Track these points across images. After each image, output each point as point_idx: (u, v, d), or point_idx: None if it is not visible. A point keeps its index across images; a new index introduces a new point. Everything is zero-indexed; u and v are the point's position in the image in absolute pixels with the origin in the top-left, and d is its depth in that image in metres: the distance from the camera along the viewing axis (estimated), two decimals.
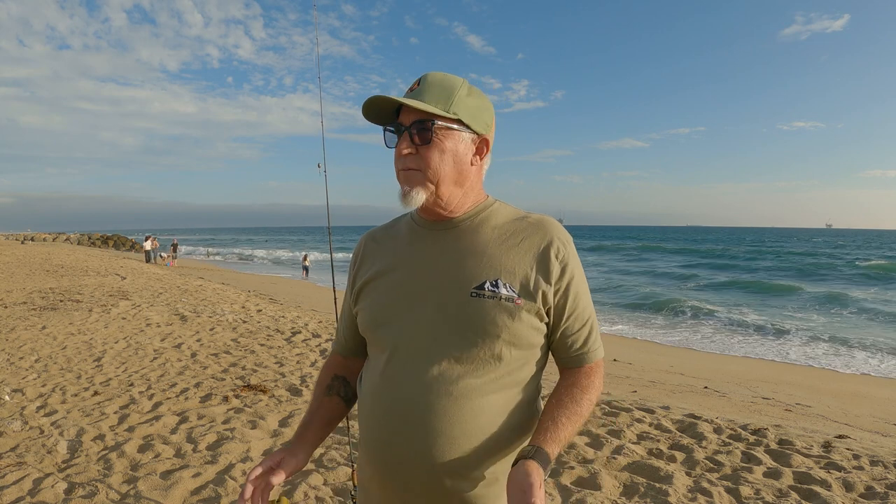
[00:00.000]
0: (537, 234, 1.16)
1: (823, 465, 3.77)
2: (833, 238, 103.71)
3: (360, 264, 1.30)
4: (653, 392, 6.18)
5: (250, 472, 1.17)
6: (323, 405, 1.33)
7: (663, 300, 17.71)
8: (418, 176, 1.14)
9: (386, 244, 1.27)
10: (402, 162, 1.14)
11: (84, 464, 3.50)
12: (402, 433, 1.10)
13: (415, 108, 1.11)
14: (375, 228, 1.36)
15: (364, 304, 1.23)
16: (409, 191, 1.14)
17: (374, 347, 1.21)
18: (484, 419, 1.09)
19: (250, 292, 15.06)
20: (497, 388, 1.11)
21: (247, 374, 5.78)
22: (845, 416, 5.83)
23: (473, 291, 1.11)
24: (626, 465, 3.71)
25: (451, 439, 1.08)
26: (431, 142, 1.13)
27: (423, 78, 1.16)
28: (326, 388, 1.34)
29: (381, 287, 1.21)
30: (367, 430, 1.18)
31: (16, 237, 58.87)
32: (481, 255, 1.15)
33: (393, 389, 1.13)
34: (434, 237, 1.20)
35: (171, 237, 39.93)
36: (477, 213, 1.20)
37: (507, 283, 1.11)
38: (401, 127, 1.15)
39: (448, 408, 1.08)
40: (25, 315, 8.97)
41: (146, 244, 29.50)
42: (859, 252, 51.53)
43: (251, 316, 9.85)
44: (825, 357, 10.49)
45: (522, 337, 1.11)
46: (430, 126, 1.13)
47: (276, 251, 48.49)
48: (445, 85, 1.15)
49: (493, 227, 1.18)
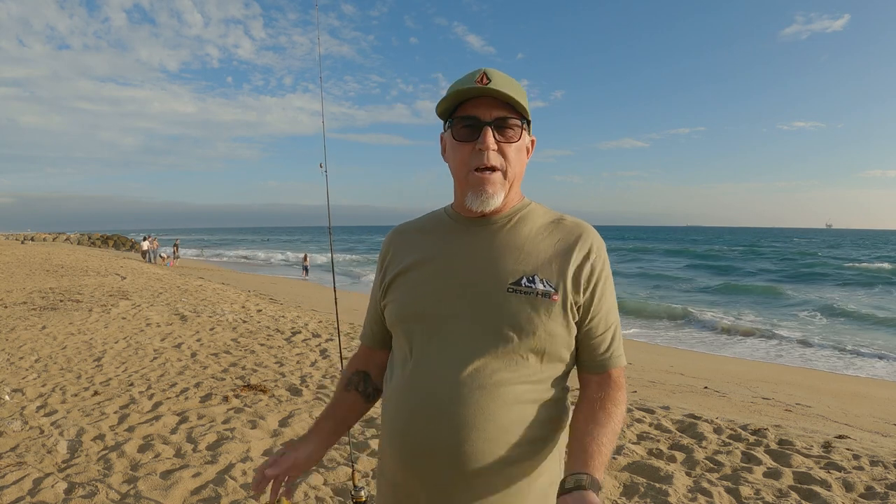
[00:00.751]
0: (573, 235, 1.16)
1: (823, 466, 3.77)
2: (832, 238, 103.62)
3: (390, 258, 1.27)
4: (653, 392, 6.18)
5: (266, 469, 1.22)
6: (341, 400, 1.33)
7: (661, 301, 17.69)
8: (499, 177, 1.12)
9: (417, 238, 1.25)
10: (483, 159, 1.10)
11: (84, 464, 3.50)
12: (434, 425, 1.09)
13: (503, 103, 1.09)
14: (404, 223, 1.34)
15: (394, 296, 1.21)
16: (492, 193, 1.11)
17: (404, 340, 1.19)
18: (516, 414, 1.08)
19: (250, 292, 15.06)
20: (530, 384, 1.10)
21: (247, 373, 5.78)
22: (845, 416, 5.83)
23: (510, 287, 1.10)
24: (626, 465, 3.71)
25: (483, 432, 1.07)
26: (520, 140, 1.13)
27: (487, 71, 1.12)
28: (346, 384, 1.34)
29: (412, 280, 1.19)
30: (395, 421, 1.16)
31: (16, 237, 58.86)
32: (518, 251, 1.14)
33: (425, 382, 1.11)
34: (471, 233, 1.18)
35: (172, 237, 39.91)
36: (516, 212, 1.19)
37: (543, 278, 1.11)
38: (479, 121, 1.11)
39: (481, 401, 1.07)
40: (25, 315, 8.97)
41: (143, 244, 29.48)
42: (857, 252, 51.59)
43: (251, 316, 9.85)
44: (825, 358, 10.49)
45: (556, 334, 1.11)
46: (521, 123, 1.12)
47: (276, 252, 48.23)
48: (514, 81, 1.13)
49: (531, 226, 1.18)
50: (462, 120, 1.12)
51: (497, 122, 1.10)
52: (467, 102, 1.12)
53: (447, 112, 1.16)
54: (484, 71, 1.11)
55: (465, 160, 1.12)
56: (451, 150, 1.16)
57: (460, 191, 1.17)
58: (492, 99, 1.10)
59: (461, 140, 1.12)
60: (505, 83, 1.10)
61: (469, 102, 1.12)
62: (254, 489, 1.22)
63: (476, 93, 1.09)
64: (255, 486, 1.22)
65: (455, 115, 1.13)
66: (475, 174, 1.11)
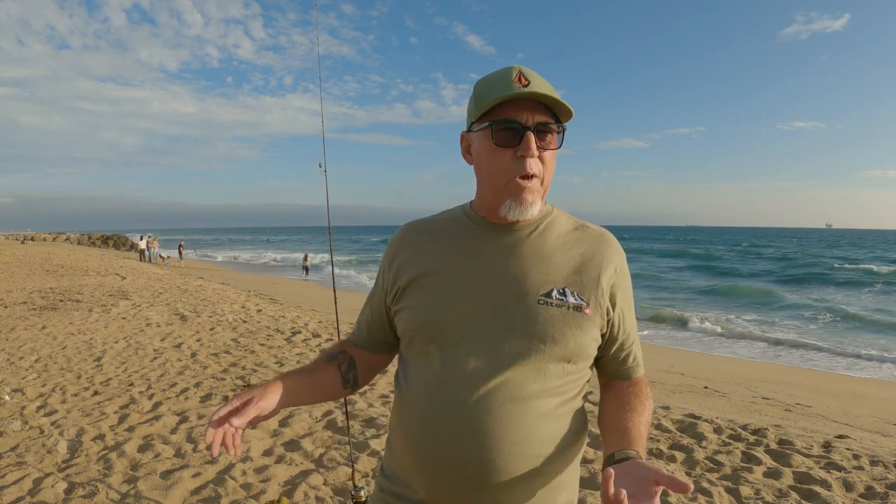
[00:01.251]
0: (600, 247, 1.14)
1: (823, 465, 3.77)
2: (832, 238, 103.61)
3: (402, 259, 1.19)
4: (653, 392, 6.16)
5: (212, 414, 1.03)
6: (320, 368, 1.24)
7: (657, 304, 17.69)
8: (537, 184, 1.07)
9: (436, 240, 1.18)
10: (526, 167, 1.05)
11: (84, 464, 3.50)
12: (460, 437, 1.04)
13: (541, 105, 1.05)
14: (418, 220, 1.25)
15: (412, 302, 1.14)
16: (531, 201, 1.07)
17: (426, 349, 1.12)
18: (545, 427, 1.06)
19: (250, 292, 15.06)
20: (557, 397, 1.08)
21: (247, 373, 5.78)
22: (845, 416, 5.83)
23: (541, 299, 1.06)
24: None
25: (514, 445, 1.03)
26: (559, 146, 1.09)
27: (523, 71, 1.06)
28: (329, 356, 1.26)
29: (434, 286, 1.12)
30: (422, 433, 1.09)
31: (16, 237, 58.87)
32: (548, 262, 1.10)
33: (452, 392, 1.06)
34: (497, 239, 1.13)
35: (171, 237, 39.80)
36: (542, 219, 1.15)
37: (574, 291, 1.08)
38: (521, 126, 1.05)
39: (513, 414, 1.04)
40: (25, 315, 8.97)
41: (141, 242, 29.45)
42: (856, 252, 51.61)
43: (251, 316, 9.85)
44: (825, 358, 10.50)
45: (585, 347, 1.09)
46: (563, 130, 1.08)
47: (277, 253, 48.03)
48: (549, 83, 1.08)
49: (557, 234, 1.14)
50: (503, 123, 1.05)
51: (538, 128, 1.05)
52: (506, 105, 1.05)
53: (482, 113, 1.08)
54: (520, 70, 1.06)
55: (505, 167, 1.06)
56: (487, 154, 1.09)
57: (495, 198, 1.10)
58: (533, 102, 1.05)
59: (502, 145, 1.06)
60: (544, 85, 1.06)
61: (509, 105, 1.05)
62: (208, 440, 1.01)
63: (519, 96, 1.04)
64: (210, 437, 1.01)
65: (494, 118, 1.06)
66: (517, 182, 1.06)
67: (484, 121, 1.08)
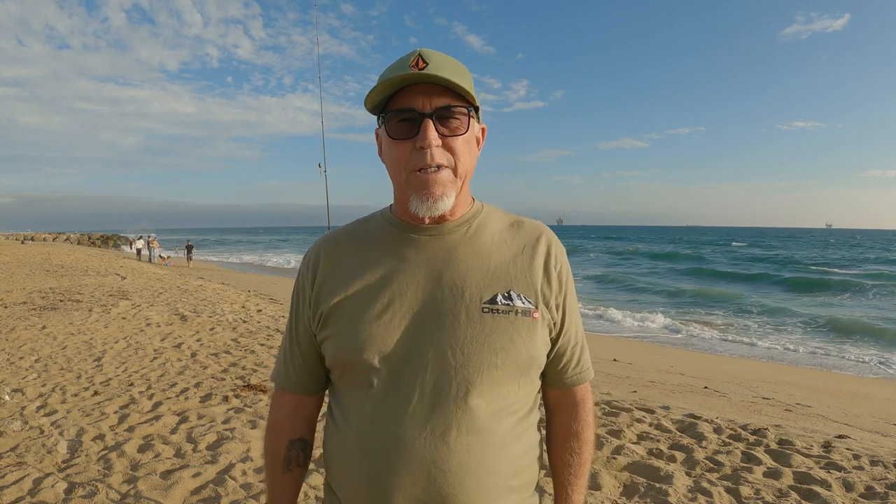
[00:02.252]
0: (538, 242, 1.05)
1: (823, 465, 3.77)
2: (831, 238, 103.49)
3: (323, 277, 1.04)
4: (653, 392, 6.18)
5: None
6: (286, 487, 1.11)
7: (656, 304, 17.68)
8: (447, 175, 0.96)
9: (357, 253, 1.04)
10: (426, 158, 0.93)
11: (84, 464, 3.50)
12: (416, 477, 0.92)
13: (444, 88, 0.94)
14: (335, 232, 1.11)
15: (338, 328, 0.99)
16: (440, 194, 0.95)
17: (359, 381, 0.98)
18: (506, 454, 0.96)
19: (250, 292, 15.05)
20: (512, 416, 0.98)
21: (247, 373, 5.78)
22: (845, 416, 5.83)
23: (485, 307, 0.96)
24: (626, 465, 3.71)
25: (476, 479, 0.93)
26: (468, 130, 0.97)
27: (423, 52, 0.95)
28: (284, 464, 1.10)
29: (361, 306, 0.99)
30: (358, 478, 0.97)
31: (16, 237, 58.88)
32: (486, 264, 1.00)
33: (397, 428, 0.93)
34: (425, 244, 1.01)
35: (169, 237, 39.52)
36: (473, 217, 1.04)
37: (520, 294, 0.98)
38: (417, 113, 0.94)
39: (472, 445, 0.93)
40: (25, 315, 8.97)
41: (138, 242, 29.29)
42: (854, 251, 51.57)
43: (251, 316, 9.85)
44: (825, 357, 10.50)
45: (536, 355, 0.99)
46: (468, 112, 0.96)
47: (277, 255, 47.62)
48: (456, 62, 0.97)
49: (492, 233, 1.04)
50: (397, 113, 0.95)
51: (439, 113, 0.94)
52: (402, 92, 0.95)
53: (379, 105, 0.98)
54: (419, 52, 0.94)
55: (405, 160, 0.95)
56: (387, 148, 0.99)
57: (402, 196, 1.00)
58: (430, 86, 0.94)
59: (398, 137, 0.95)
60: (445, 65, 0.93)
61: (404, 91, 0.95)
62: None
63: (411, 80, 0.92)
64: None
65: (388, 109, 0.96)
66: (417, 175, 0.94)
67: (382, 113, 0.98)
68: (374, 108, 1.00)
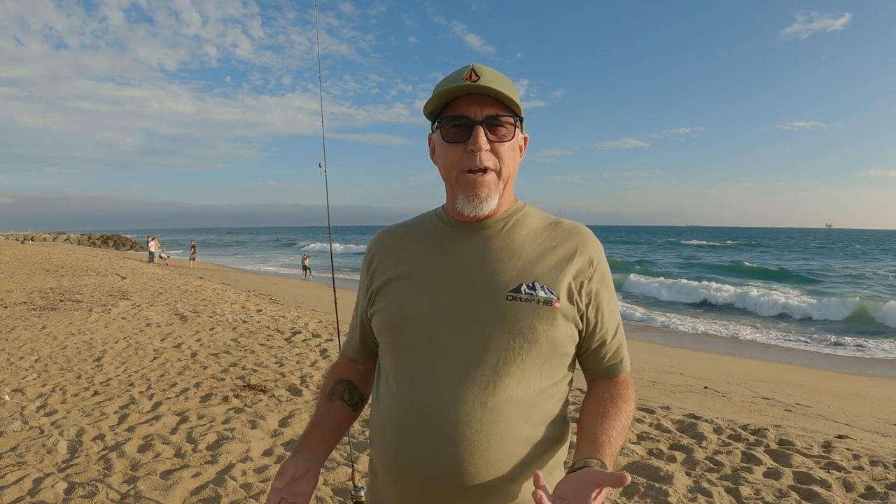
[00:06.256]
0: (573, 240, 1.12)
1: (823, 465, 3.77)
2: (831, 238, 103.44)
3: (377, 263, 1.19)
4: (653, 392, 6.18)
5: (275, 482, 1.06)
6: (326, 412, 1.23)
7: (654, 305, 17.67)
8: (492, 178, 1.06)
9: (407, 243, 1.18)
10: (475, 160, 1.04)
11: (84, 464, 3.50)
12: (432, 447, 1.02)
13: (493, 100, 1.05)
14: (393, 225, 1.26)
15: (383, 304, 1.13)
16: (486, 196, 1.06)
17: (393, 353, 1.11)
18: (522, 433, 1.03)
19: (250, 292, 15.05)
20: (533, 399, 1.05)
21: (247, 374, 5.78)
22: (845, 416, 5.83)
23: (510, 294, 1.04)
24: (626, 465, 3.71)
25: (487, 453, 1.00)
26: (513, 138, 1.08)
27: (476, 67, 1.06)
28: (329, 395, 1.25)
29: (403, 288, 1.11)
30: (387, 442, 1.08)
31: (16, 237, 58.87)
32: (517, 257, 1.08)
33: (421, 399, 1.04)
34: (466, 238, 1.12)
35: (174, 238, 39.41)
36: (511, 215, 1.14)
37: (544, 285, 1.05)
38: (469, 120, 1.05)
39: (485, 420, 1.00)
40: (25, 315, 8.97)
41: (150, 245, 29.42)
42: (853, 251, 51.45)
43: (251, 316, 9.85)
44: (825, 357, 10.49)
45: (559, 344, 1.06)
46: (514, 121, 1.07)
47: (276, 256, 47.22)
48: (504, 77, 1.08)
49: (528, 230, 1.13)
50: (451, 120, 1.06)
51: (489, 121, 1.05)
52: (456, 101, 1.06)
53: (435, 112, 1.10)
54: (472, 67, 1.05)
55: (456, 162, 1.06)
56: (440, 151, 1.10)
57: (451, 194, 1.12)
58: (482, 96, 1.05)
59: (451, 141, 1.07)
60: (495, 79, 1.05)
61: (458, 101, 1.06)
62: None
63: (465, 90, 1.04)
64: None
65: (444, 115, 1.08)
66: (466, 176, 1.06)
67: (438, 119, 1.10)
68: (431, 114, 1.12)
